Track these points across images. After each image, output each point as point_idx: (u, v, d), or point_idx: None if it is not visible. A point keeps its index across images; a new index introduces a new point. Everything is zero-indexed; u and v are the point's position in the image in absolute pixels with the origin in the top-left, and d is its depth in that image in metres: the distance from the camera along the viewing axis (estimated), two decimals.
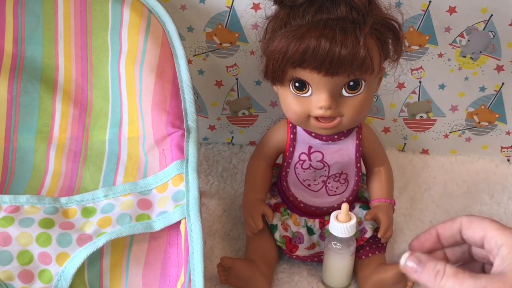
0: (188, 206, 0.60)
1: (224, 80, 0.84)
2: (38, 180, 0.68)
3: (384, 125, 0.89)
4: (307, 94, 0.62)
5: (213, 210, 0.81)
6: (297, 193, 0.71)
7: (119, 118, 0.70)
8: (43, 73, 0.71)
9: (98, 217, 0.62)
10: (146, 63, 0.67)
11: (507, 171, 0.89)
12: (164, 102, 0.66)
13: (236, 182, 0.86)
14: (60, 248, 0.60)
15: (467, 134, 0.88)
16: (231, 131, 0.91)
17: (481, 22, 0.76)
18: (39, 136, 0.70)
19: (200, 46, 0.80)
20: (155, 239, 0.63)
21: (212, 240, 0.76)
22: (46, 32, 0.70)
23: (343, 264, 0.68)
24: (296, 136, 0.69)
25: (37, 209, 0.62)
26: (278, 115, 0.88)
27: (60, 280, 0.59)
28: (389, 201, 0.72)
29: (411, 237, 0.77)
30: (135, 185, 0.64)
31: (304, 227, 0.72)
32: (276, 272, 0.72)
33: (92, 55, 0.70)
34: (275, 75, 0.62)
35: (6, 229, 0.60)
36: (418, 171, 0.89)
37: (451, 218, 0.52)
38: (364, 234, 0.71)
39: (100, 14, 0.70)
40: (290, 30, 0.59)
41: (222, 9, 0.76)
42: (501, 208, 0.82)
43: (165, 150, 0.65)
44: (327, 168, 0.69)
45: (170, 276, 0.62)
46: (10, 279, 0.58)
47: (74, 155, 0.69)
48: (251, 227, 0.70)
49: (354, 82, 0.61)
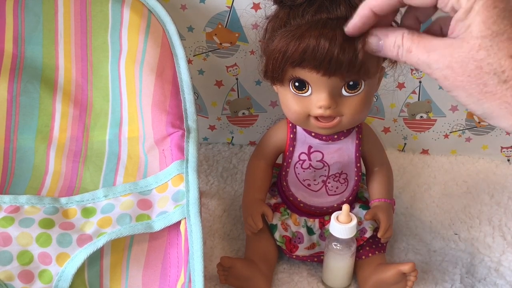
0: (188, 206, 0.60)
1: (224, 80, 0.84)
2: (38, 180, 0.68)
3: (384, 125, 0.89)
4: (307, 94, 0.62)
5: (213, 210, 0.81)
6: (297, 193, 0.71)
7: (119, 118, 0.70)
8: (43, 73, 0.71)
9: (98, 217, 0.62)
10: (146, 63, 0.67)
11: (507, 171, 0.89)
12: (164, 102, 0.66)
13: (236, 182, 0.86)
14: (60, 248, 0.60)
15: (467, 134, 0.88)
16: (231, 131, 0.91)
17: None
18: (39, 136, 0.70)
19: (200, 46, 0.80)
20: (155, 239, 0.63)
21: (212, 240, 0.76)
22: (46, 32, 0.70)
23: (344, 264, 0.68)
24: (296, 136, 0.69)
25: (37, 209, 0.62)
26: (278, 115, 0.88)
27: (60, 280, 0.59)
28: (389, 201, 0.72)
29: (411, 237, 0.77)
30: (135, 185, 0.64)
31: (304, 227, 0.72)
32: (276, 272, 0.72)
33: (92, 55, 0.71)
34: (275, 75, 0.62)
35: (6, 229, 0.60)
36: (418, 171, 0.89)
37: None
38: (364, 234, 0.71)
39: (100, 14, 0.70)
40: (289, 29, 0.59)
41: (222, 9, 0.76)
42: (501, 208, 0.82)
43: (165, 150, 0.65)
44: (327, 168, 0.69)
45: (170, 276, 0.62)
46: (10, 279, 0.58)
47: (74, 155, 0.69)
48: (251, 227, 0.70)
49: (354, 82, 0.61)
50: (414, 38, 0.48)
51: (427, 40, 0.47)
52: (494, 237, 0.77)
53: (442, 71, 0.46)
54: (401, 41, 0.48)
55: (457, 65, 0.45)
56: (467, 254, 0.75)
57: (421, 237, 0.77)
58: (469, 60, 0.44)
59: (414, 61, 0.48)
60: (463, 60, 0.44)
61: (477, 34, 0.44)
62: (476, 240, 0.77)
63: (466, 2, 0.44)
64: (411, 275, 0.66)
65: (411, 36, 0.48)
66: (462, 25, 0.44)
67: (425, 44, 0.47)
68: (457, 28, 0.45)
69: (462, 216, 0.81)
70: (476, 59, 0.44)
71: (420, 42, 0.47)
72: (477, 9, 0.44)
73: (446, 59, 0.45)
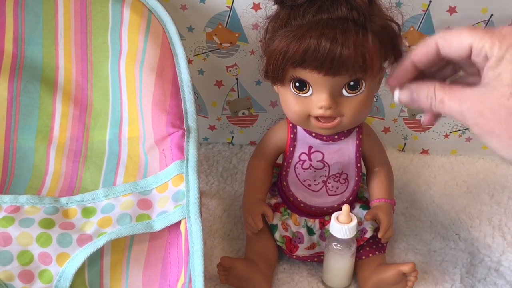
0: (188, 206, 0.60)
1: (224, 80, 0.84)
2: (38, 180, 0.67)
3: (384, 125, 0.89)
4: (308, 94, 0.62)
5: (213, 210, 0.81)
6: (297, 193, 0.71)
7: (119, 118, 0.70)
8: (43, 73, 0.71)
9: (98, 217, 0.62)
10: (146, 63, 0.67)
11: (507, 171, 0.89)
12: (164, 102, 0.66)
13: (236, 182, 0.86)
14: (60, 248, 0.60)
15: (467, 134, 0.88)
16: (231, 131, 0.91)
17: (481, 22, 0.76)
18: (39, 136, 0.70)
19: (200, 46, 0.80)
20: (155, 239, 0.63)
21: (212, 240, 0.76)
22: (46, 32, 0.70)
23: (344, 264, 0.68)
24: (296, 136, 0.69)
25: (37, 209, 0.62)
26: (278, 115, 0.88)
27: (60, 280, 0.59)
28: (389, 201, 0.72)
29: (411, 237, 0.77)
30: (135, 185, 0.64)
31: (304, 227, 0.72)
32: (276, 272, 0.72)
33: (92, 55, 0.70)
34: (275, 75, 0.62)
35: (6, 229, 0.60)
36: (418, 171, 0.89)
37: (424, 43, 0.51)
38: (364, 234, 0.71)
39: (100, 14, 0.70)
40: (290, 30, 0.59)
41: (222, 9, 0.76)
42: (501, 208, 0.82)
43: (165, 150, 0.65)
44: (327, 168, 0.69)
45: (170, 276, 0.62)
46: (11, 279, 0.58)
47: (74, 155, 0.69)
48: (251, 227, 0.70)
49: (355, 82, 0.61)
50: (446, 89, 0.49)
51: (458, 90, 0.49)
52: (494, 237, 0.77)
53: (474, 119, 0.47)
54: (433, 93, 0.50)
55: (488, 112, 0.46)
56: (467, 254, 0.75)
57: (421, 237, 0.77)
58: (500, 107, 0.45)
59: (447, 111, 0.49)
60: (494, 107, 0.45)
61: (508, 82, 0.44)
62: (476, 240, 0.77)
63: (498, 50, 0.45)
64: (411, 275, 0.66)
65: (442, 88, 0.50)
66: (493, 73, 0.45)
67: (457, 94, 0.48)
68: (488, 75, 0.46)
69: (462, 216, 0.81)
70: (506, 106, 0.45)
71: (452, 93, 0.49)
72: (509, 58, 0.45)
73: (478, 106, 0.46)
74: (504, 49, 0.45)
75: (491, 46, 0.45)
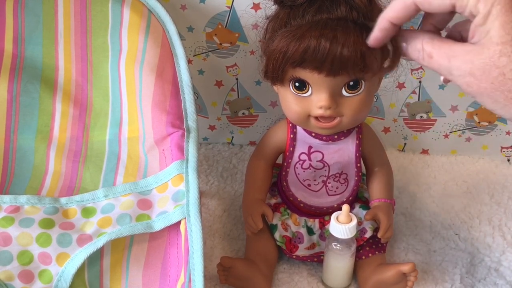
0: (188, 206, 0.60)
1: (224, 80, 0.84)
2: (38, 180, 0.67)
3: (384, 125, 0.89)
4: (307, 94, 0.62)
5: (213, 210, 0.81)
6: (297, 193, 0.71)
7: (119, 118, 0.70)
8: (43, 73, 0.71)
9: (98, 217, 0.62)
10: (146, 63, 0.67)
11: (507, 171, 0.89)
12: (164, 102, 0.66)
13: (236, 182, 0.86)
14: (60, 248, 0.60)
15: (467, 134, 0.88)
16: (231, 131, 0.91)
17: None
18: (39, 136, 0.70)
19: (200, 46, 0.80)
20: (155, 239, 0.63)
21: (212, 240, 0.76)
22: (46, 32, 0.70)
23: (344, 264, 0.68)
24: (296, 136, 0.69)
25: (37, 209, 0.62)
26: (278, 115, 0.88)
27: (60, 280, 0.59)
28: (389, 201, 0.72)
29: (411, 237, 0.77)
30: (135, 185, 0.64)
31: (304, 227, 0.72)
32: (276, 272, 0.72)
33: (92, 55, 0.70)
34: (275, 75, 0.62)
35: (6, 229, 0.60)
36: (418, 171, 0.89)
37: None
38: (364, 234, 0.71)
39: (100, 14, 0.70)
40: (290, 30, 0.59)
41: (222, 9, 0.76)
42: (501, 208, 0.82)
43: (165, 150, 0.65)
44: (327, 168, 0.69)
45: (170, 276, 0.62)
46: (10, 279, 0.58)
47: (74, 155, 0.69)
48: (251, 227, 0.70)
49: (354, 82, 0.61)
50: (435, 43, 0.47)
51: (447, 45, 0.47)
52: (494, 237, 0.77)
53: (464, 78, 0.45)
54: (421, 46, 0.48)
55: (479, 72, 0.44)
56: (467, 254, 0.75)
57: (421, 237, 0.77)
58: (491, 67, 0.43)
59: (435, 66, 0.47)
60: (485, 67, 0.43)
61: (497, 40, 0.43)
62: (476, 240, 0.77)
63: (483, 7, 0.43)
64: (411, 275, 0.66)
65: (431, 41, 0.48)
66: (482, 31, 0.44)
67: (446, 49, 0.46)
68: (477, 33, 0.44)
69: (462, 216, 0.81)
70: (498, 66, 0.43)
71: (441, 48, 0.47)
72: (495, 14, 0.43)
73: (467, 66, 0.44)
74: (489, 4, 0.43)
75: (476, 2, 0.43)
